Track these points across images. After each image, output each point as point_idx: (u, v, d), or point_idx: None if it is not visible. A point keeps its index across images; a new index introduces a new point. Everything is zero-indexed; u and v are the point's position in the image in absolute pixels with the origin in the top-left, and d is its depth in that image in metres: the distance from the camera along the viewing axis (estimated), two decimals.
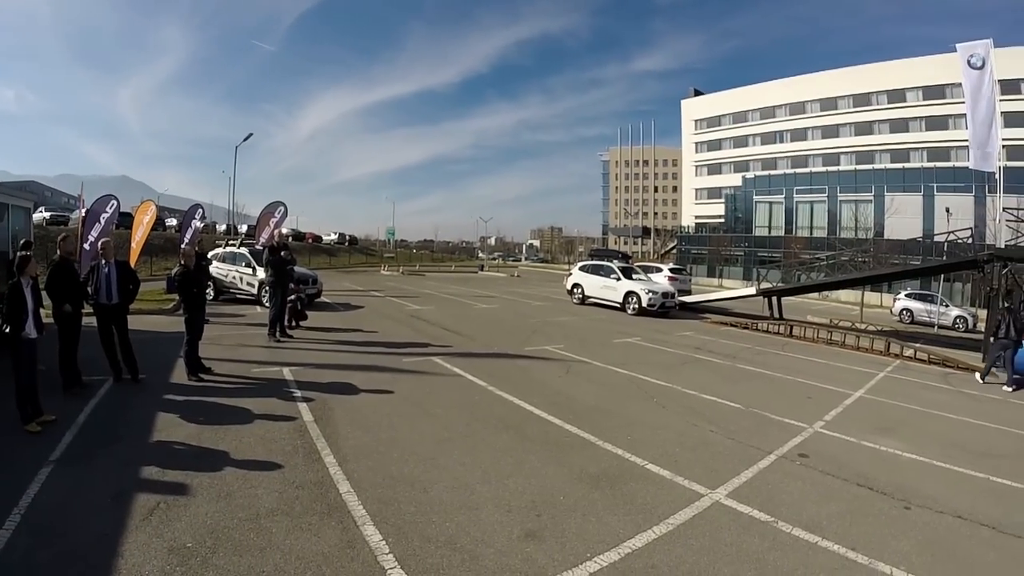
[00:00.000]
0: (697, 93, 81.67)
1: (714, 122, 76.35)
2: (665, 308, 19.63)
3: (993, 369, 12.21)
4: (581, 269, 23.01)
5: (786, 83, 68.39)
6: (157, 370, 7.81)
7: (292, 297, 11.84)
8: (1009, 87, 40.40)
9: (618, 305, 20.10)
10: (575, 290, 22.25)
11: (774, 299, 21.09)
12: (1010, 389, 11.37)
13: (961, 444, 7.23)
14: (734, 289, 25.79)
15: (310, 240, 57.25)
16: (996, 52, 16.22)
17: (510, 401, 7.33)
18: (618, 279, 20.46)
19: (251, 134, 37.72)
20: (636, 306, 19.36)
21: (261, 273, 14.02)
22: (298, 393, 6.97)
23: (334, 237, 64.66)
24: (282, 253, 11.15)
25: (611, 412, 7.23)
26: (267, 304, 11.76)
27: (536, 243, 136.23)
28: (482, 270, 52.36)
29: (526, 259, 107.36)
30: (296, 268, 12.89)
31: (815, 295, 31.48)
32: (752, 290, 22.29)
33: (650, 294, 19.31)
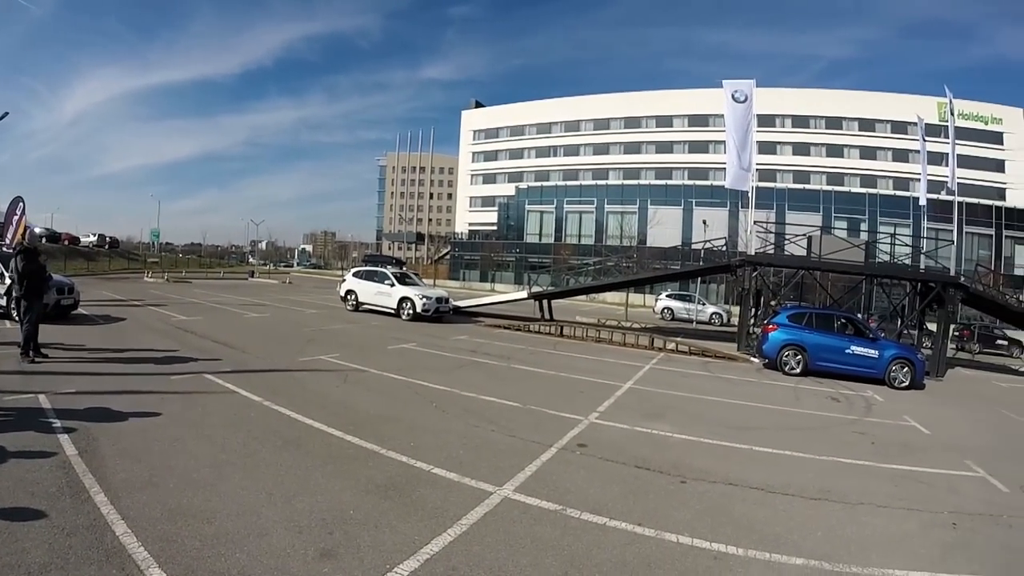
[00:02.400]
0: (478, 105, 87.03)
1: (492, 133, 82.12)
2: (440, 313, 20.26)
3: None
4: (355, 275, 22.68)
5: (564, 102, 76.40)
6: None
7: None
8: (764, 120, 49.97)
9: (393, 311, 20.04)
10: (349, 297, 21.83)
11: (545, 302, 22.89)
12: (756, 361, 15.30)
13: (724, 422, 8.51)
14: (507, 293, 27.06)
15: (66, 242, 52.07)
16: (757, 91, 19.66)
17: (288, 416, 7.11)
18: (392, 285, 20.49)
19: (7, 113, 32.61)
20: (411, 312, 19.46)
21: (8, 281, 11.86)
22: (58, 423, 6.29)
23: (93, 239, 58.21)
24: (40, 258, 10.37)
25: (392, 419, 7.30)
26: (17, 318, 10.42)
27: (309, 248, 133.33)
28: (252, 276, 50.12)
29: (298, 264, 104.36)
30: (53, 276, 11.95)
31: (583, 297, 34.53)
32: (524, 294, 23.75)
33: (424, 299, 19.58)
